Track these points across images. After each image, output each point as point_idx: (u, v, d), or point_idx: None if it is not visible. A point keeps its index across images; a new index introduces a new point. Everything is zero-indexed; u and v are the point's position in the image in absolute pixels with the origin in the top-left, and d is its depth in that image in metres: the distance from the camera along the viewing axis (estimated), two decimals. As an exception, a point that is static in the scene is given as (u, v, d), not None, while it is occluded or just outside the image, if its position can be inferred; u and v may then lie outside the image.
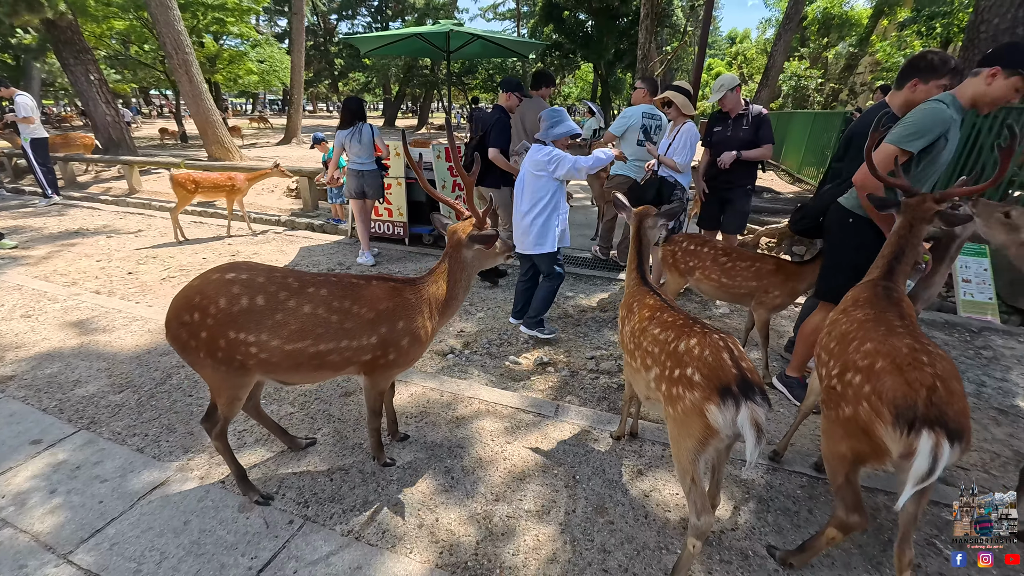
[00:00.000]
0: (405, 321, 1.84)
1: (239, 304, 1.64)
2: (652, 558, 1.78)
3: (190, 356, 1.70)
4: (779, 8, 16.87)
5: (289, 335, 1.68)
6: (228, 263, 1.77)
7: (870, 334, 1.53)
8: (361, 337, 1.77)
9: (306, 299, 1.71)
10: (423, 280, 1.95)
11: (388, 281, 1.88)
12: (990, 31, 5.09)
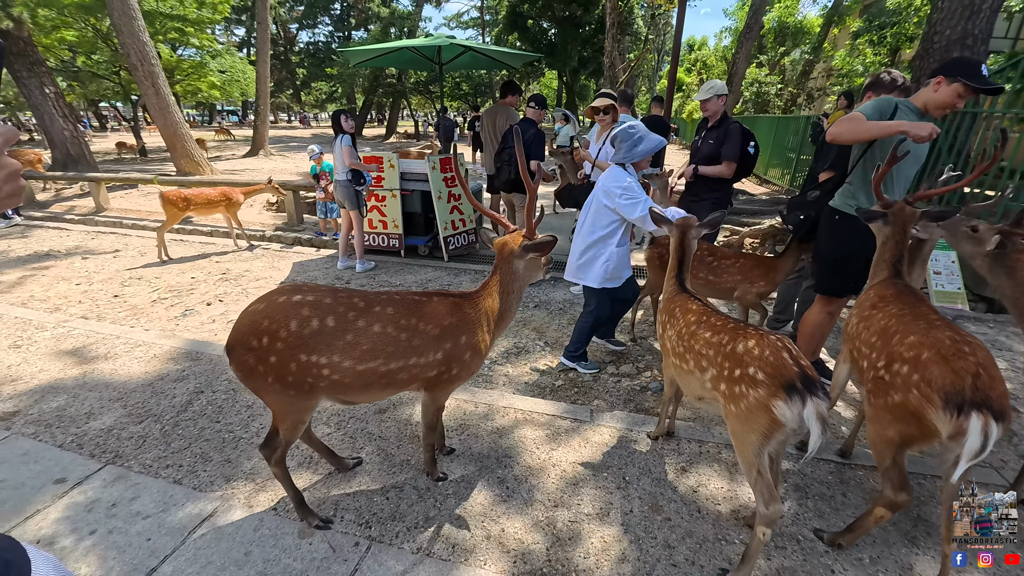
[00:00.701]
0: (467, 336, 1.87)
1: (310, 326, 1.64)
2: (714, 549, 1.88)
3: (256, 382, 1.68)
4: (737, 18, 17.66)
5: (361, 355, 1.69)
6: (290, 284, 1.76)
7: (911, 327, 1.67)
8: (428, 353, 1.80)
9: (374, 318, 1.72)
10: (478, 294, 1.97)
11: (448, 297, 1.91)
12: (942, 41, 5.53)
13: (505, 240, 2.06)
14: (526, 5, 27.46)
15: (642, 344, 3.71)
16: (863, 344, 1.86)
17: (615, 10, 17.26)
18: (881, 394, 1.65)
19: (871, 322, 1.88)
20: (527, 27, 28.13)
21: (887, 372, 1.64)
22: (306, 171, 12.46)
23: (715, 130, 3.77)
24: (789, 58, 15.39)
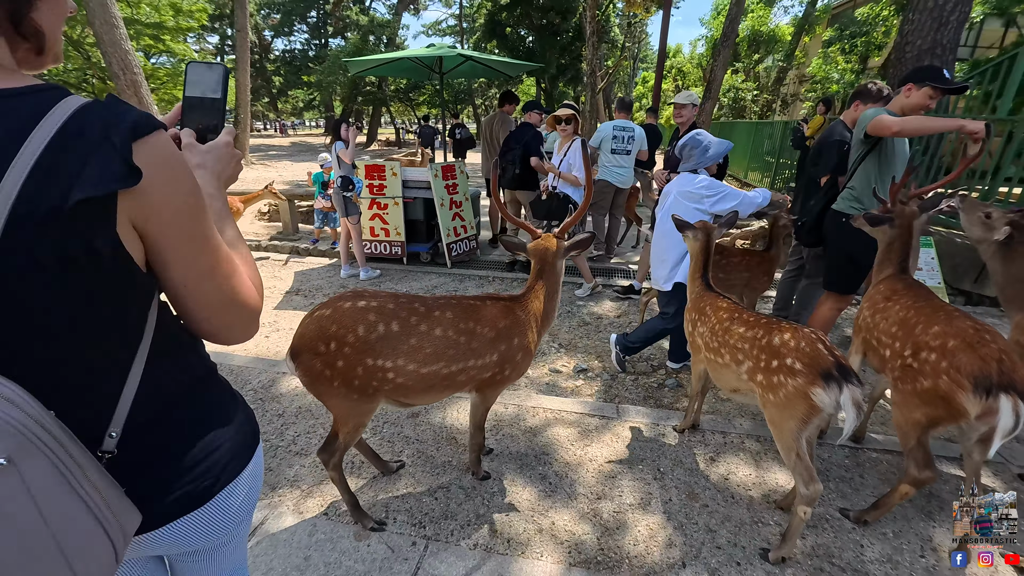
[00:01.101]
0: (519, 337, 1.96)
1: (376, 331, 1.70)
2: (752, 531, 2.00)
3: (322, 387, 1.73)
4: (712, 27, 18.25)
5: (424, 358, 1.76)
6: (352, 291, 1.83)
7: (933, 318, 1.84)
8: (485, 356, 1.88)
9: (436, 322, 1.80)
10: (525, 296, 2.05)
11: (500, 300, 1.99)
12: (914, 50, 5.88)
13: (543, 244, 2.13)
14: (504, 13, 27.74)
15: (652, 343, 3.84)
16: (882, 334, 2.02)
17: (594, 19, 17.66)
18: (910, 380, 1.81)
19: (888, 314, 2.05)
20: (505, 35, 28.41)
21: (915, 360, 1.80)
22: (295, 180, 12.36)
23: None
24: (763, 65, 15.99)
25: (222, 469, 0.83)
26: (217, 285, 0.75)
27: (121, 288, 0.67)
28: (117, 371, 0.71)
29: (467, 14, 31.53)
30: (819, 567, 1.86)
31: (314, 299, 4.68)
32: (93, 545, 0.61)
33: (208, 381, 0.87)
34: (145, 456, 0.75)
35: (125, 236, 0.63)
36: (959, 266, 4.93)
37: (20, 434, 0.54)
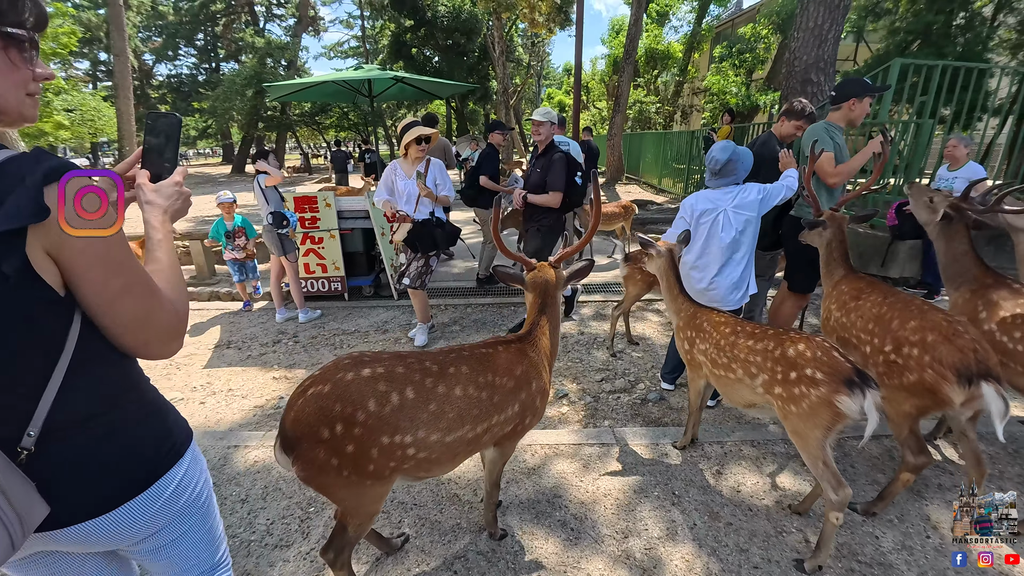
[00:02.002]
0: (536, 380, 1.81)
1: (390, 403, 1.47)
2: (779, 542, 2.00)
3: (327, 478, 1.45)
4: (612, 47, 19.45)
5: (448, 425, 1.55)
6: (349, 356, 1.57)
7: (906, 314, 1.97)
8: (507, 408, 1.71)
9: (453, 381, 1.59)
10: (533, 335, 1.90)
11: (509, 344, 1.83)
12: (801, 65, 6.60)
13: (543, 275, 2.00)
14: (408, 35, 27.61)
15: (623, 358, 3.86)
16: (860, 332, 2.13)
17: (502, 39, 18.10)
18: (896, 375, 1.91)
19: (862, 312, 2.17)
20: (411, 56, 28.25)
21: (897, 355, 1.91)
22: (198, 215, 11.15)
23: (542, 159, 3.85)
24: (661, 79, 17.29)
25: (143, 471, 0.93)
26: (131, 305, 0.83)
27: (36, 306, 0.76)
28: (35, 378, 0.79)
29: (369, 35, 30.98)
30: (849, 567, 1.90)
31: (251, 351, 4.17)
32: None
33: (135, 393, 0.95)
34: (66, 456, 0.84)
35: (38, 263, 0.74)
36: (864, 254, 5.54)
37: None
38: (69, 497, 0.85)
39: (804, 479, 2.39)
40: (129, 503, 0.90)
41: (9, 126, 0.83)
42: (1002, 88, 7.15)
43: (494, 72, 23.13)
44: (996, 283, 2.36)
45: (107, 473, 0.88)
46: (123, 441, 0.90)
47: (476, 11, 24.36)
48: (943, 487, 2.33)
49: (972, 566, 1.84)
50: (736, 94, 11.74)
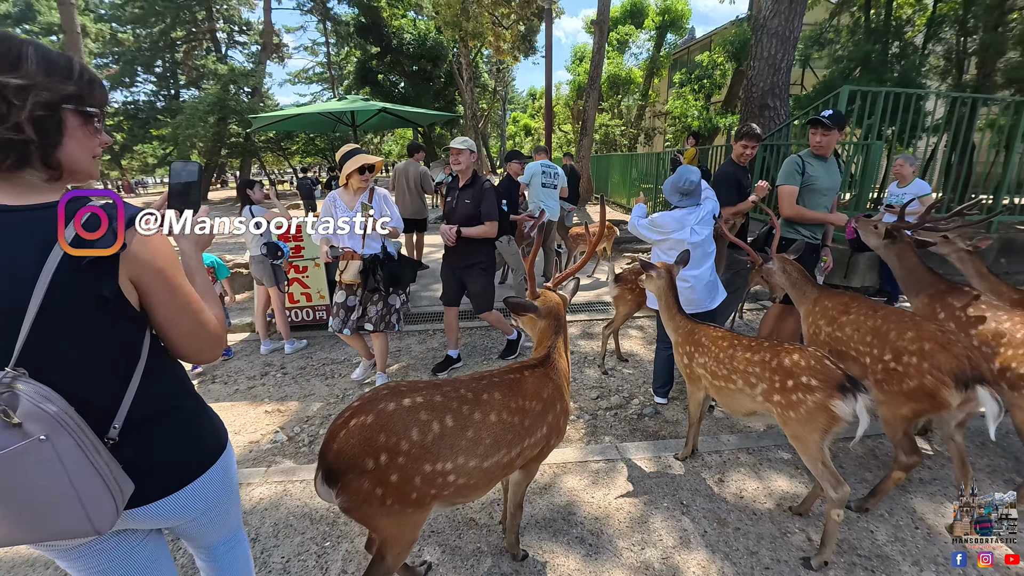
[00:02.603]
0: (560, 402, 1.88)
1: (432, 432, 1.51)
2: (785, 543, 2.13)
3: (371, 509, 1.46)
4: (577, 73, 20.19)
5: (486, 451, 1.60)
6: (385, 388, 1.61)
7: (902, 325, 2.16)
8: (537, 431, 1.77)
9: (488, 407, 1.64)
10: (551, 358, 1.94)
11: (533, 368, 1.88)
12: (758, 91, 7.08)
13: (554, 299, 2.08)
14: (374, 61, 27.87)
15: (615, 375, 3.98)
16: (859, 344, 2.31)
17: (470, 65, 18.55)
18: (896, 382, 2.09)
19: (857, 325, 2.35)
20: (378, 82, 28.48)
21: (898, 363, 2.09)
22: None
23: (468, 189, 3.69)
24: (624, 104, 18.05)
25: (204, 455, 1.16)
26: (188, 320, 1.03)
27: (128, 318, 0.98)
28: (119, 381, 1.00)
29: (335, 62, 31.07)
30: (851, 562, 2.03)
31: (238, 385, 4.07)
32: (101, 498, 0.90)
33: (188, 394, 1.17)
34: (142, 445, 1.05)
35: (125, 287, 0.95)
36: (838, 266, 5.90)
37: (54, 420, 0.85)
38: (146, 479, 1.03)
39: (799, 482, 2.53)
40: (192, 484, 1.12)
41: (78, 183, 1.03)
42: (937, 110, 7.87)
43: (461, 97, 23.59)
44: (949, 288, 2.65)
45: (175, 459, 1.11)
46: (186, 433, 1.14)
47: (442, 39, 24.90)
48: (924, 481, 2.52)
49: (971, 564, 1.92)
50: (698, 117, 12.40)
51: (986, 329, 2.32)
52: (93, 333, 0.95)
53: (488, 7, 16.41)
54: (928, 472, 2.59)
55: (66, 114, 0.93)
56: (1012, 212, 6.67)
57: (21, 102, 0.87)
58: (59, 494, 0.86)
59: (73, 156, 0.95)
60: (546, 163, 5.84)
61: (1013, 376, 2.12)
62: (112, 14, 21.07)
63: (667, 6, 16.82)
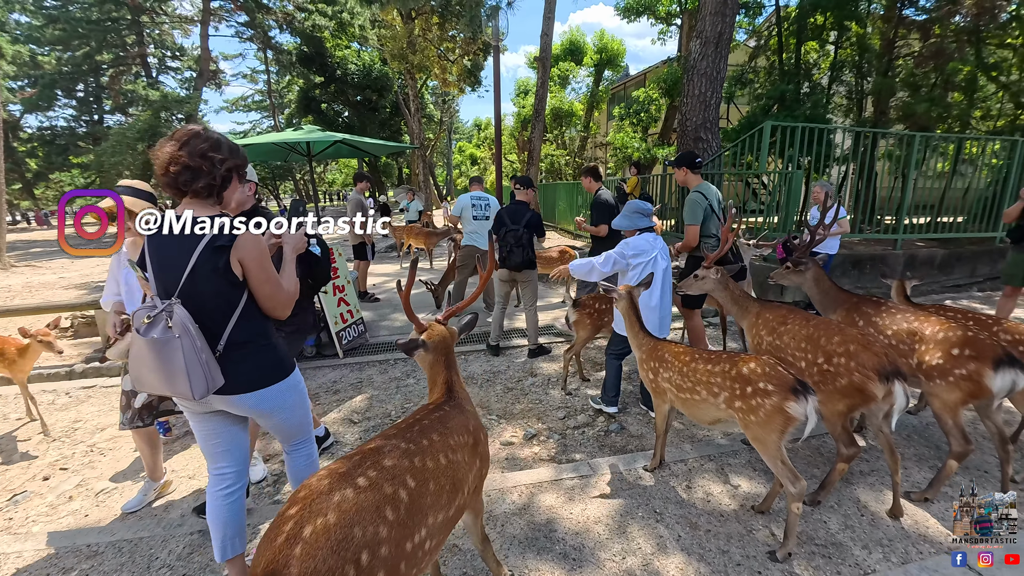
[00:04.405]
0: (481, 431, 1.86)
1: (402, 502, 1.34)
2: (752, 539, 2.28)
3: None
4: (522, 104, 20.95)
5: (448, 498, 1.52)
6: (326, 470, 1.35)
7: (830, 331, 2.43)
8: (474, 465, 1.73)
9: (434, 452, 1.54)
10: (455, 390, 1.90)
11: (448, 404, 1.82)
12: (692, 125, 7.72)
13: (442, 333, 1.99)
14: (317, 90, 27.63)
15: (579, 396, 4.10)
16: (795, 350, 2.57)
17: (417, 96, 18.81)
18: (830, 381, 2.33)
19: (793, 334, 2.62)
20: (321, 111, 28.19)
21: (829, 365, 2.34)
22: (86, 280, 9.98)
23: None
24: (567, 135, 18.92)
25: (272, 372, 1.83)
26: (268, 289, 1.75)
27: (234, 283, 1.69)
28: (224, 318, 1.70)
29: (276, 90, 30.47)
30: (810, 551, 2.21)
31: (189, 426, 3.83)
32: (199, 378, 1.60)
33: (266, 335, 1.82)
34: (233, 359, 1.73)
35: (234, 264, 1.66)
36: (764, 283, 6.42)
37: (186, 328, 1.58)
38: (237, 378, 1.74)
39: (758, 483, 2.73)
40: (269, 387, 1.82)
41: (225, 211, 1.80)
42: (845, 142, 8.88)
43: (407, 127, 23.80)
44: (860, 300, 3.03)
45: (259, 370, 1.80)
46: (263, 357, 1.81)
47: (387, 70, 25.12)
48: (863, 473, 2.79)
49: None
50: (638, 148, 13.24)
51: (900, 330, 2.66)
52: (214, 287, 1.67)
53: (434, 41, 16.85)
54: (866, 464, 2.87)
55: (232, 174, 1.77)
56: (912, 231, 7.59)
57: (220, 166, 1.70)
58: (178, 369, 1.58)
59: (229, 196, 1.80)
60: (477, 195, 5.87)
61: (928, 368, 2.44)
62: (30, 35, 19.62)
63: (603, 45, 18.02)
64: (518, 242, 4.87)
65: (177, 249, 1.65)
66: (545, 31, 12.71)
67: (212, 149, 1.67)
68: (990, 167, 8.01)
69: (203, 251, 1.62)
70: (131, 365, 1.69)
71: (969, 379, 2.31)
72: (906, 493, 2.55)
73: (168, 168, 1.62)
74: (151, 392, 1.74)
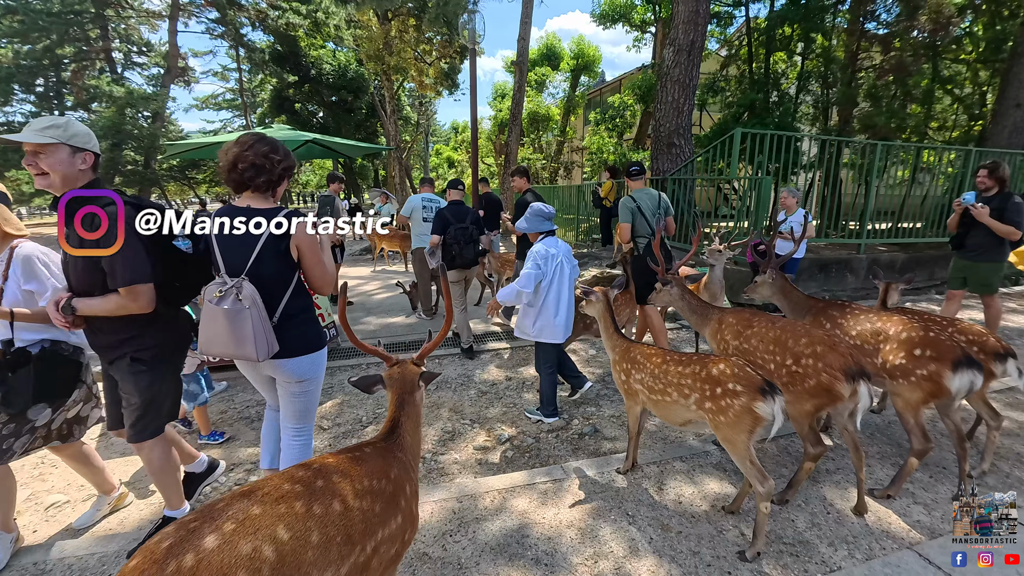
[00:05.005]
0: (410, 484, 1.61)
1: (265, 561, 1.11)
2: (722, 540, 2.30)
3: None
4: (499, 108, 20.98)
5: (339, 553, 1.27)
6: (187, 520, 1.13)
7: (797, 333, 2.47)
8: (391, 521, 1.46)
9: (328, 496, 1.31)
10: (398, 434, 1.70)
11: (373, 445, 1.62)
12: (665, 131, 7.84)
13: (403, 371, 1.83)
14: (291, 90, 27.08)
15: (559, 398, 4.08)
16: (763, 353, 2.60)
17: (393, 98, 18.63)
18: (799, 382, 2.37)
19: (760, 337, 2.65)
20: (295, 111, 27.63)
21: (798, 366, 2.38)
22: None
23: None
24: (544, 139, 19.04)
25: (313, 342, 2.16)
26: (317, 270, 2.09)
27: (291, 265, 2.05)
28: (281, 292, 2.04)
29: (248, 88, 29.77)
30: (779, 550, 2.23)
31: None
32: (262, 343, 1.93)
33: (310, 309, 2.19)
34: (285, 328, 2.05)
35: (293, 249, 2.03)
36: (735, 286, 6.54)
37: (254, 301, 1.92)
38: (287, 344, 2.04)
39: (728, 483, 2.75)
40: (308, 355, 2.14)
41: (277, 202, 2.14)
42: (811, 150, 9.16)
43: (383, 129, 23.52)
44: (826, 304, 3.10)
45: (303, 339, 2.12)
46: (307, 328, 2.14)
47: (363, 71, 24.81)
48: (829, 471, 2.85)
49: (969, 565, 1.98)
50: (614, 152, 13.43)
51: (864, 330, 2.73)
52: (275, 267, 2.00)
53: (410, 43, 16.74)
54: (832, 463, 2.93)
55: (286, 173, 2.10)
56: (875, 236, 7.86)
57: (278, 166, 2.04)
58: (247, 335, 1.88)
59: (280, 190, 2.12)
60: (428, 196, 5.90)
61: (891, 368, 2.51)
62: (-15, 27, 18.66)
63: (580, 50, 18.21)
64: (468, 239, 4.93)
65: (243, 239, 1.96)
66: (522, 35, 12.78)
67: (272, 151, 2.01)
68: (946, 176, 8.38)
69: (268, 238, 1.96)
70: (201, 331, 1.98)
71: (930, 379, 2.38)
72: (870, 490, 2.60)
73: (236, 165, 1.95)
74: (219, 355, 1.95)
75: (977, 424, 3.14)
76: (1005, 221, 4.05)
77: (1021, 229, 4.03)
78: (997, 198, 4.16)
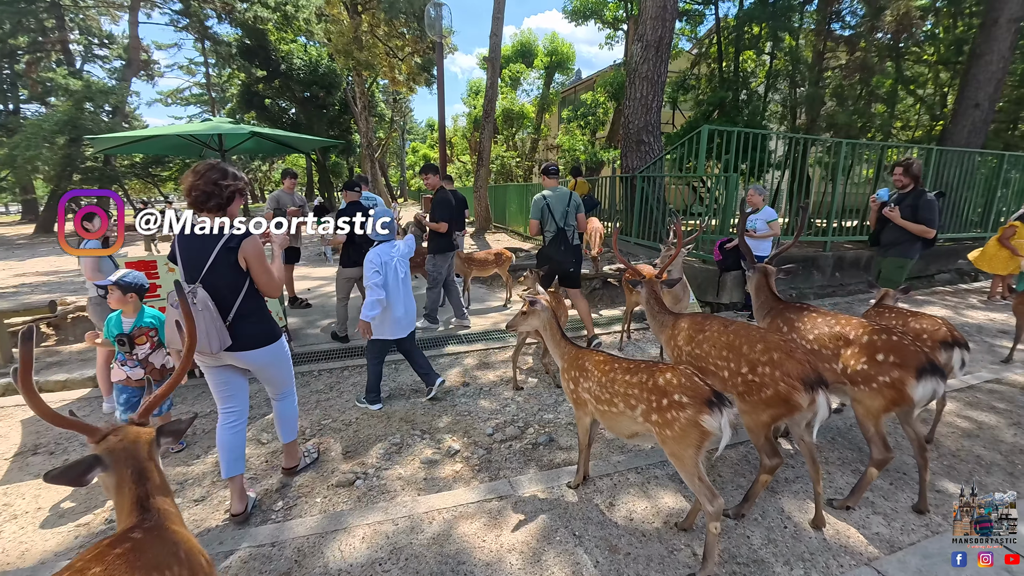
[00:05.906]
0: (204, 559, 1.42)
1: None
2: (673, 561, 2.14)
3: None
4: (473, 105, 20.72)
5: None
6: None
7: (752, 339, 2.32)
8: None
9: None
10: (154, 507, 1.40)
11: (143, 523, 1.36)
12: (634, 128, 7.73)
13: (124, 438, 1.44)
14: (261, 85, 26.30)
15: (511, 404, 3.90)
16: (716, 359, 2.45)
17: (364, 95, 18.21)
18: (755, 392, 2.22)
19: (712, 342, 2.51)
20: (265, 106, 26.84)
21: (753, 375, 2.23)
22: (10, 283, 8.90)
23: None
24: (518, 137, 18.86)
25: (268, 336, 2.52)
26: (263, 278, 2.42)
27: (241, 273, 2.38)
28: (233, 296, 2.38)
29: (216, 83, 28.82)
30: (732, 571, 2.09)
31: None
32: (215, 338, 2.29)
33: (262, 310, 2.51)
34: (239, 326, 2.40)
35: (241, 261, 2.36)
36: (702, 284, 6.47)
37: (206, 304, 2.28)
38: (240, 339, 2.38)
39: (683, 496, 2.60)
40: (264, 347, 2.49)
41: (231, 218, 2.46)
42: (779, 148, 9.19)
43: (356, 126, 22.98)
44: (785, 306, 2.99)
45: (253, 335, 2.44)
46: (259, 326, 2.47)
47: (335, 66, 24.22)
48: (788, 480, 2.73)
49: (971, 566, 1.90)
50: (585, 151, 13.32)
51: (822, 334, 2.60)
52: (226, 275, 2.33)
53: (382, 38, 16.35)
54: (792, 471, 2.81)
55: (236, 194, 2.41)
56: (841, 233, 7.89)
57: (226, 191, 2.36)
58: (202, 332, 2.19)
59: (234, 210, 2.44)
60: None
61: (852, 373, 2.38)
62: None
63: (554, 48, 18.07)
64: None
65: (199, 248, 2.31)
66: (494, 31, 12.56)
67: (221, 178, 2.34)
68: (909, 174, 8.47)
69: (220, 250, 2.28)
70: (166, 330, 2.44)
71: (892, 386, 2.27)
72: (829, 500, 2.49)
73: (191, 192, 2.32)
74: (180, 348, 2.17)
75: (936, 425, 3.07)
76: (919, 220, 4.15)
77: (933, 227, 4.14)
78: (911, 195, 4.25)
